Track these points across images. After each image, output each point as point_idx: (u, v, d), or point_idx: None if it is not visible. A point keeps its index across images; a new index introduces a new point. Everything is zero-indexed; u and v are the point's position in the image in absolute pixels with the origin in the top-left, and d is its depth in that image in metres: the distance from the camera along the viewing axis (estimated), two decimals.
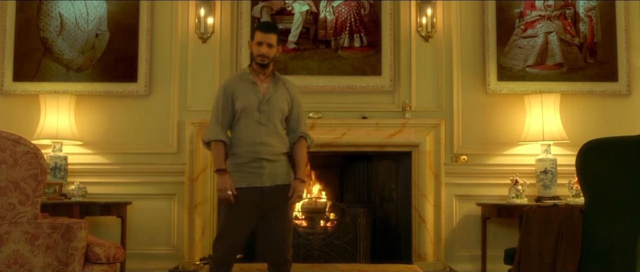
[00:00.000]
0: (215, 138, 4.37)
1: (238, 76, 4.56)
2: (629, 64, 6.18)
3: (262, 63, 4.42)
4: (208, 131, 4.45)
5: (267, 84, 4.47)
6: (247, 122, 4.36)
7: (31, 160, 3.90)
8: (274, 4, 6.24)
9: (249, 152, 4.33)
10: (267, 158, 4.34)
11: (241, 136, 4.37)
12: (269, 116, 4.38)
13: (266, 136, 4.36)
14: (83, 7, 6.23)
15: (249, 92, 4.40)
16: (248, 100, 4.37)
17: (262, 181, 4.32)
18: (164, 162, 6.14)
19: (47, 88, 6.12)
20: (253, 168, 4.32)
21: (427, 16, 6.15)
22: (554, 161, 5.87)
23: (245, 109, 4.36)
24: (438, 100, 6.18)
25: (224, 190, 4.28)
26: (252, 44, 4.49)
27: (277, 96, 4.44)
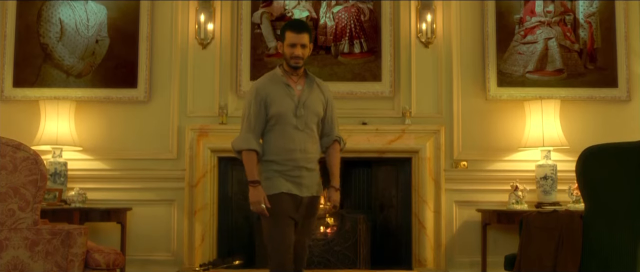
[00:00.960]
0: (248, 147, 4.06)
1: (269, 78, 4.20)
2: (628, 70, 6.18)
3: (296, 66, 4.11)
4: (239, 139, 4.11)
5: (301, 86, 4.17)
6: (283, 128, 4.06)
7: (31, 166, 3.90)
8: (274, 10, 6.24)
9: (287, 160, 4.04)
10: (306, 166, 4.08)
11: (278, 143, 4.07)
12: (306, 121, 4.10)
13: (304, 143, 4.08)
14: (83, 13, 6.23)
15: (284, 96, 4.09)
16: (284, 105, 4.07)
17: (300, 191, 4.05)
18: (163, 168, 6.14)
19: (47, 94, 6.12)
20: (291, 177, 4.04)
21: (426, 22, 6.15)
22: (554, 167, 5.87)
23: (282, 114, 4.06)
24: (438, 106, 6.18)
25: (257, 203, 3.98)
26: (282, 45, 4.16)
27: (312, 99, 4.16)
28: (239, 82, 6.17)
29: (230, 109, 6.15)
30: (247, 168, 4.07)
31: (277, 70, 4.21)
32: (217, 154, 6.08)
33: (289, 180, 4.03)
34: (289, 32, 4.13)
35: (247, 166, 4.06)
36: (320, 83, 4.28)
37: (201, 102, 6.17)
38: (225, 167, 6.18)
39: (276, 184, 4.03)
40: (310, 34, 4.17)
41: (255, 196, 3.99)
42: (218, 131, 6.04)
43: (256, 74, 6.14)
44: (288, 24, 4.33)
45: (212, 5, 6.19)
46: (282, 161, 4.04)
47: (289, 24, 4.33)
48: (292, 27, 4.18)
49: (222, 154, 6.07)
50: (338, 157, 4.29)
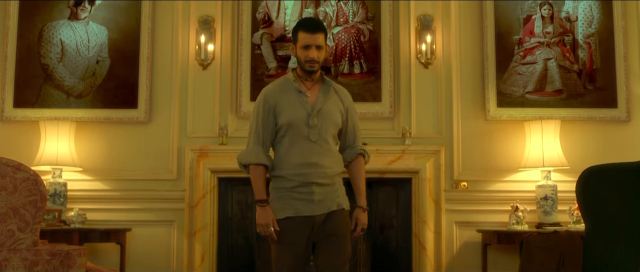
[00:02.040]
0: (256, 161, 3.69)
1: (279, 84, 3.81)
2: (628, 90, 6.19)
3: (311, 70, 3.73)
4: (246, 152, 3.75)
5: (315, 92, 3.77)
6: (293, 139, 3.69)
7: (31, 186, 3.90)
8: (274, 30, 6.27)
9: (296, 175, 3.65)
10: (318, 182, 3.66)
11: (287, 156, 3.69)
12: (320, 131, 3.70)
13: (317, 156, 3.68)
14: (84, 34, 6.26)
15: (295, 104, 3.71)
16: (294, 114, 3.69)
17: (312, 209, 3.65)
18: (163, 188, 6.13)
19: (47, 114, 6.13)
20: (301, 194, 3.65)
21: (426, 43, 6.17)
22: (554, 187, 5.86)
23: (292, 124, 3.68)
24: (438, 126, 6.19)
25: (265, 225, 3.63)
26: (294, 47, 3.77)
27: (328, 107, 3.76)
28: (239, 103, 6.18)
29: (230, 129, 6.15)
30: (253, 185, 3.72)
31: (289, 75, 3.83)
32: (217, 175, 6.08)
33: (297, 198, 3.66)
34: (301, 32, 3.74)
35: (254, 183, 3.72)
36: (339, 89, 3.88)
37: (201, 122, 6.18)
38: (225, 188, 6.18)
39: (285, 206, 3.67)
40: (325, 34, 3.79)
41: (262, 218, 3.65)
42: (218, 152, 6.04)
43: (256, 94, 6.01)
44: (300, 23, 3.87)
45: (213, 26, 6.21)
46: (291, 177, 3.67)
47: (301, 23, 3.86)
48: (305, 26, 3.77)
49: (222, 175, 6.07)
50: (363, 173, 3.89)
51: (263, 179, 3.73)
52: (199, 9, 6.26)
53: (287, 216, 3.65)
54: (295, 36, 3.77)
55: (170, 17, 6.30)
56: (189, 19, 6.26)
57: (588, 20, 6.29)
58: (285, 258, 3.66)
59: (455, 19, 6.29)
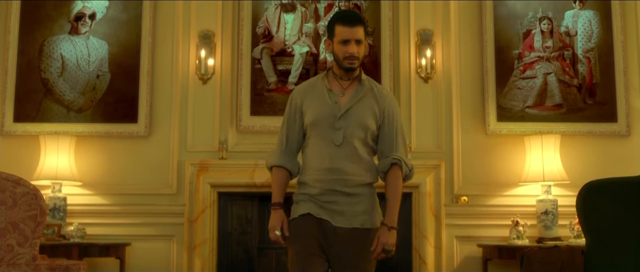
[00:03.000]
0: (274, 163, 3.45)
1: (309, 83, 3.54)
2: (628, 104, 6.20)
3: (351, 67, 3.38)
4: (270, 153, 3.53)
5: (350, 92, 3.42)
6: (317, 141, 3.37)
7: (31, 201, 3.89)
8: (274, 45, 6.28)
9: (318, 181, 3.33)
10: (341, 190, 3.32)
11: (310, 160, 3.39)
12: (345, 134, 3.34)
13: (340, 161, 3.32)
14: (85, 48, 6.27)
15: (321, 103, 3.39)
16: (319, 113, 3.37)
17: (333, 219, 3.31)
18: (163, 203, 6.12)
19: (47, 129, 6.13)
20: (323, 203, 3.32)
21: (426, 58, 6.18)
22: (554, 202, 5.86)
23: (316, 124, 3.37)
24: (438, 141, 6.18)
25: (271, 229, 3.34)
26: (331, 43, 3.42)
27: (359, 108, 3.39)
28: (239, 117, 6.18)
29: (230, 144, 6.15)
30: (272, 187, 3.46)
31: (322, 74, 3.52)
32: (217, 189, 6.07)
33: (320, 206, 3.32)
34: (339, 26, 3.37)
35: (272, 185, 3.46)
36: (380, 90, 3.49)
37: (201, 137, 6.17)
38: (225, 203, 6.17)
39: (299, 208, 3.37)
40: (365, 27, 3.43)
41: (271, 221, 3.36)
42: (218, 166, 6.03)
43: (257, 108, 6.17)
44: (337, 15, 3.51)
45: (213, 40, 6.22)
46: (313, 182, 3.35)
47: (338, 15, 3.50)
48: (343, 19, 3.39)
49: (222, 189, 6.06)
50: (398, 187, 3.43)
51: (281, 181, 3.44)
52: (199, 23, 6.27)
53: (300, 214, 3.34)
54: (331, 30, 3.41)
55: (171, 31, 6.31)
56: (189, 33, 6.27)
57: (587, 34, 6.30)
58: (295, 259, 3.30)
59: (455, 33, 6.30)
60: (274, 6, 6.32)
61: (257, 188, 5.99)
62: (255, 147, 6.07)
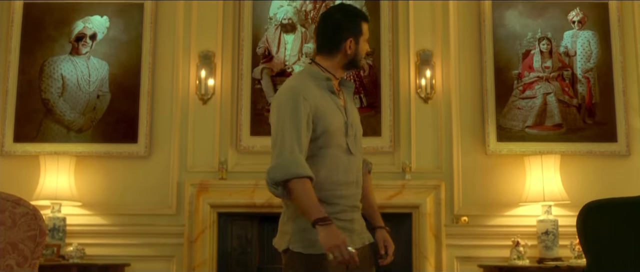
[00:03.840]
0: (303, 173, 2.85)
1: (312, 79, 3.11)
2: (627, 124, 6.20)
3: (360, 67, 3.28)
4: (284, 163, 2.88)
5: (342, 93, 3.19)
6: (332, 152, 3.00)
7: (30, 221, 3.88)
8: (274, 65, 6.30)
9: (339, 198, 2.99)
10: (357, 205, 3.09)
11: (326, 173, 2.97)
12: (356, 143, 3.10)
13: (358, 172, 3.09)
14: (85, 68, 6.28)
15: (333, 108, 3.05)
16: (336, 119, 3.03)
17: (353, 242, 2.96)
18: (162, 223, 6.11)
19: (47, 149, 6.13)
20: (341, 222, 2.95)
21: (426, 78, 6.19)
22: (555, 222, 5.84)
23: (333, 133, 3.00)
24: (438, 161, 6.18)
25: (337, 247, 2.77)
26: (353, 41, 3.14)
27: (355, 113, 3.19)
28: (239, 138, 6.18)
29: (230, 164, 6.14)
30: (305, 203, 2.84)
31: (314, 69, 3.16)
32: (216, 210, 6.06)
33: (339, 227, 2.88)
34: (365, 24, 3.20)
35: (307, 199, 2.84)
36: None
37: (201, 157, 6.17)
38: (225, 223, 6.15)
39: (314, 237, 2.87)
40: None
41: (332, 238, 2.78)
42: (218, 187, 6.02)
43: (257, 129, 6.17)
44: (358, 12, 3.27)
45: (213, 61, 6.24)
46: (333, 199, 2.97)
47: (359, 12, 3.28)
48: (366, 18, 3.24)
49: (222, 210, 6.05)
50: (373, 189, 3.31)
51: (313, 192, 2.86)
52: (199, 44, 6.29)
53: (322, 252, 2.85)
54: (357, 27, 3.17)
55: (171, 52, 6.33)
56: (190, 53, 6.29)
57: (587, 55, 6.32)
58: None
59: (455, 53, 6.32)
60: (274, 27, 6.34)
61: (257, 208, 5.98)
62: (255, 167, 6.06)
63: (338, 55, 3.14)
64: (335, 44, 3.14)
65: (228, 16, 6.37)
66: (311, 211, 2.82)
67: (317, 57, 3.21)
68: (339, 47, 3.14)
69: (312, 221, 2.81)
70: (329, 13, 3.24)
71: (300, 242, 2.94)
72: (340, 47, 3.13)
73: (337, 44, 3.14)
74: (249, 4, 6.36)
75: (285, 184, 2.87)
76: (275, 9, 6.36)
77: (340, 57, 3.15)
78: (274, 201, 5.82)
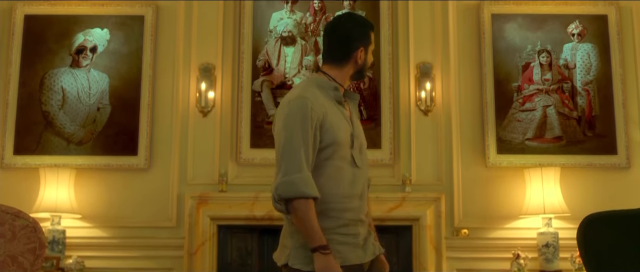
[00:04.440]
0: (310, 193, 2.77)
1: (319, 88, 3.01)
2: (627, 137, 6.21)
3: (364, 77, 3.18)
4: (292, 180, 2.78)
5: (347, 105, 3.11)
6: (340, 164, 2.90)
7: (30, 234, 3.88)
8: (274, 78, 6.30)
9: (343, 211, 2.89)
10: (363, 219, 2.99)
11: (332, 186, 2.88)
12: (362, 155, 3.02)
13: (363, 186, 2.99)
14: (85, 81, 6.29)
15: (340, 118, 2.97)
16: (344, 131, 2.94)
17: (358, 256, 2.91)
18: (162, 236, 6.10)
19: (47, 161, 6.13)
20: (344, 236, 2.88)
21: (426, 90, 6.20)
22: (555, 235, 5.83)
23: (341, 144, 2.91)
24: (438, 173, 6.18)
25: None
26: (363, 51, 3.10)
27: (359, 124, 3.12)
28: (239, 150, 6.18)
29: (230, 176, 6.14)
30: (308, 226, 2.78)
31: (322, 78, 3.08)
32: (216, 222, 6.05)
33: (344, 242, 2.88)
34: (372, 34, 3.15)
35: (310, 222, 2.77)
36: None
37: (201, 169, 6.17)
38: (225, 236, 6.14)
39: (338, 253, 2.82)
40: None
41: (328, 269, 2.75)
42: (218, 199, 6.02)
43: (257, 141, 6.17)
44: (369, 23, 3.20)
45: (213, 73, 6.25)
46: (336, 213, 2.88)
47: (370, 23, 3.21)
48: (373, 27, 3.19)
49: (222, 222, 6.04)
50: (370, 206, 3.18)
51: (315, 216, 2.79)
52: (199, 56, 6.30)
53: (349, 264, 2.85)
54: (367, 38, 3.12)
55: (171, 64, 6.34)
56: (190, 66, 6.30)
57: (586, 67, 6.33)
58: None
59: (455, 66, 6.33)
60: (274, 39, 6.35)
61: (257, 221, 5.97)
62: (255, 180, 6.06)
63: (348, 64, 3.09)
64: (346, 54, 3.08)
65: (228, 29, 6.38)
66: (312, 236, 2.76)
67: (324, 66, 3.14)
68: (349, 57, 3.08)
69: (312, 247, 2.76)
70: (339, 22, 3.18)
71: (300, 258, 2.86)
72: (350, 56, 3.08)
73: (347, 54, 3.08)
74: (249, 17, 6.37)
75: (288, 201, 2.79)
76: (275, 22, 6.38)
77: (350, 66, 3.09)
78: (274, 214, 5.82)
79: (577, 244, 4.26)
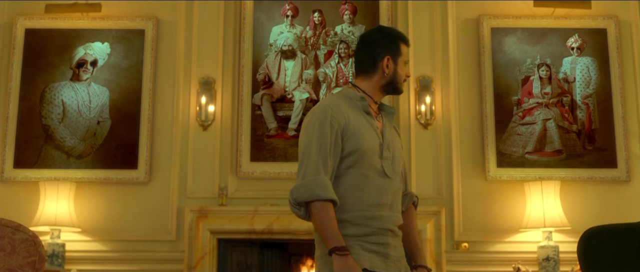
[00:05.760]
0: (326, 196, 2.75)
1: (344, 99, 3.02)
2: (627, 150, 6.20)
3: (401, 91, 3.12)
4: (307, 183, 2.78)
5: (380, 118, 3.06)
6: (365, 172, 2.87)
7: (30, 248, 3.88)
8: (274, 91, 6.31)
9: (369, 218, 2.84)
10: (393, 230, 2.91)
11: (356, 193, 2.85)
12: (393, 165, 2.96)
13: (393, 195, 2.93)
14: (86, 95, 6.30)
15: (367, 128, 2.94)
16: (369, 140, 2.91)
17: (387, 267, 2.83)
18: (162, 249, 6.09)
19: (47, 175, 6.13)
20: (374, 245, 2.83)
21: (426, 104, 6.21)
22: (555, 248, 5.82)
23: (366, 152, 2.88)
24: (438, 187, 6.17)
25: None
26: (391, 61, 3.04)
27: (396, 140, 3.08)
28: (239, 164, 6.18)
29: (230, 190, 6.14)
30: (324, 227, 2.75)
31: (350, 90, 3.07)
32: (216, 236, 6.04)
33: (372, 250, 2.82)
34: (404, 46, 3.08)
35: (326, 223, 2.74)
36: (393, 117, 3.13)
37: (201, 183, 6.16)
38: (225, 249, 6.13)
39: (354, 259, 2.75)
40: None
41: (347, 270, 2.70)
42: (217, 213, 6.01)
43: (257, 155, 6.17)
44: (397, 33, 3.16)
45: (213, 87, 6.26)
46: (361, 220, 2.84)
47: (398, 33, 3.16)
48: (406, 40, 3.12)
49: (222, 236, 6.04)
50: (417, 226, 3.16)
51: (335, 218, 2.77)
52: (200, 70, 6.31)
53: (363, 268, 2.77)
54: (396, 47, 3.07)
55: (172, 78, 6.35)
56: (190, 80, 6.31)
57: (586, 81, 6.34)
58: None
59: (454, 80, 6.34)
60: (274, 53, 6.37)
61: (257, 234, 5.97)
62: (255, 193, 6.06)
63: (375, 75, 3.05)
64: (372, 63, 3.05)
65: (228, 43, 6.40)
66: (329, 238, 2.73)
67: (355, 79, 3.12)
68: (376, 67, 3.04)
69: (328, 249, 2.72)
70: (368, 33, 3.17)
71: (326, 266, 2.80)
72: (376, 66, 3.04)
73: (373, 63, 3.05)
74: (249, 31, 6.39)
75: (307, 206, 2.78)
76: (276, 36, 6.39)
77: (378, 77, 3.05)
78: (274, 227, 5.82)
79: (578, 257, 4.26)
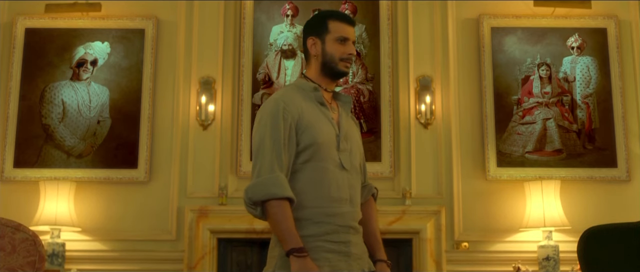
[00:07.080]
0: (282, 193, 2.64)
1: (297, 90, 2.87)
2: (627, 150, 6.21)
3: (346, 71, 2.84)
4: (263, 182, 2.68)
5: (335, 107, 2.90)
6: (322, 166, 2.72)
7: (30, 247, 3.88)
8: (274, 91, 6.30)
9: (328, 215, 2.70)
10: (354, 226, 2.78)
11: (314, 188, 2.72)
12: (351, 158, 2.81)
13: (352, 189, 2.79)
14: (86, 94, 6.30)
15: (322, 119, 2.80)
16: (325, 132, 2.76)
17: (349, 266, 2.72)
18: (162, 249, 6.09)
19: (47, 174, 6.13)
20: (334, 244, 2.70)
21: (426, 104, 6.21)
22: (555, 248, 5.83)
23: (322, 145, 2.73)
24: (438, 187, 6.18)
25: None
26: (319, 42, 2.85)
27: (353, 130, 2.92)
28: (239, 163, 6.18)
29: (230, 190, 6.14)
30: (281, 227, 2.64)
31: (302, 81, 2.91)
32: (216, 236, 6.04)
33: (332, 249, 2.70)
34: (335, 22, 2.84)
35: (282, 224, 2.64)
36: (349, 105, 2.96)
37: (201, 183, 6.17)
38: (225, 249, 6.13)
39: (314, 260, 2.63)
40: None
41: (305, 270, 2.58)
42: (218, 212, 6.01)
43: None
44: (328, 12, 2.98)
45: (214, 87, 6.26)
46: (322, 218, 2.71)
47: (330, 12, 2.99)
48: (339, 16, 2.88)
49: (222, 236, 6.03)
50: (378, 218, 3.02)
51: (292, 217, 2.64)
52: (200, 70, 6.31)
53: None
54: (321, 26, 2.86)
55: (172, 78, 6.35)
56: (190, 80, 6.31)
57: (586, 80, 6.34)
58: None
59: (454, 79, 6.34)
60: (274, 52, 6.37)
61: (257, 234, 5.96)
62: None
63: (311, 60, 2.90)
64: (306, 50, 2.91)
65: (228, 42, 6.40)
66: (286, 239, 2.61)
67: (306, 70, 2.99)
68: (308, 52, 2.90)
69: (286, 250, 2.61)
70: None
71: (286, 268, 2.66)
72: (308, 51, 2.89)
73: (306, 50, 2.91)
74: (249, 31, 6.39)
75: (263, 205, 2.68)
76: (275, 35, 6.39)
77: (313, 62, 2.90)
78: None
79: (578, 257, 4.26)
